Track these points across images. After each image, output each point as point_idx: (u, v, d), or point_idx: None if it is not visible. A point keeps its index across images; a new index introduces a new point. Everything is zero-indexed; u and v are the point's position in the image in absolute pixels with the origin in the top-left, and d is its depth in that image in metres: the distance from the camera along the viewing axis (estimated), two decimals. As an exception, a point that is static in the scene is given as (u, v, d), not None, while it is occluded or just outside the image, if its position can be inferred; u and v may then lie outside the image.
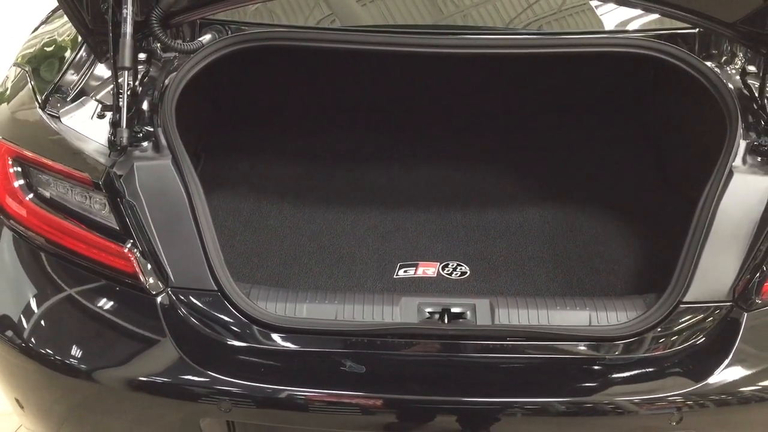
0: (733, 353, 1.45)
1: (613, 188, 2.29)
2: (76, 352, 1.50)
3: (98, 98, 1.70)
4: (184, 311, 1.48)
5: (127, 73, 1.58)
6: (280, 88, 2.64)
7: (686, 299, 1.49)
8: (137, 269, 1.48)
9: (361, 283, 1.92)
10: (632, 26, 2.09)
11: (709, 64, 1.76)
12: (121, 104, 1.57)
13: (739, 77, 1.78)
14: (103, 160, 1.56)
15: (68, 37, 1.95)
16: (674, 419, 1.44)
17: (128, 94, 1.58)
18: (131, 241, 1.49)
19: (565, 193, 2.27)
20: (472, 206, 2.23)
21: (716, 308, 1.49)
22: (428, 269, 1.96)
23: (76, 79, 1.75)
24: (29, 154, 1.58)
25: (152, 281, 1.49)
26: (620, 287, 1.89)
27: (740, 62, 1.85)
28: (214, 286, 1.50)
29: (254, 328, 1.48)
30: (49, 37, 2.03)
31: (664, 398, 1.43)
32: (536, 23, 2.22)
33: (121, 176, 1.52)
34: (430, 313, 1.52)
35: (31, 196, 1.59)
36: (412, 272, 1.95)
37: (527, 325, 1.49)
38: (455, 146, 2.53)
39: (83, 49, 1.80)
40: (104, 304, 1.53)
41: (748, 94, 1.73)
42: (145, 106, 1.67)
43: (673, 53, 1.75)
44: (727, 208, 1.53)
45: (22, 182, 1.60)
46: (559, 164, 2.42)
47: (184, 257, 1.50)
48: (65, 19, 1.83)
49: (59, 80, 1.74)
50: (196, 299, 1.49)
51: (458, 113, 2.66)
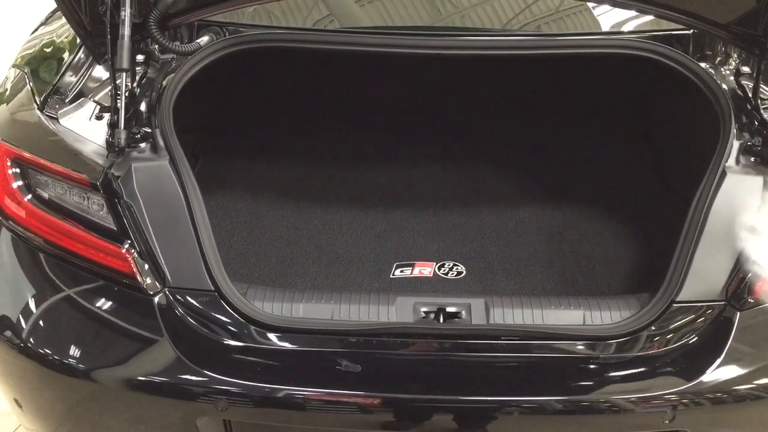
0: (725, 352, 1.46)
1: (608, 188, 2.30)
2: (74, 351, 1.51)
3: (96, 99, 1.71)
4: (181, 311, 1.49)
5: (125, 74, 1.59)
6: (278, 89, 2.65)
7: (679, 299, 1.50)
8: (134, 269, 1.49)
9: (357, 282, 1.93)
10: (628, 27, 2.09)
11: (703, 65, 1.77)
12: (119, 105, 1.58)
13: (733, 78, 1.79)
14: (101, 161, 1.57)
15: (67, 38, 1.95)
16: (667, 417, 1.45)
17: (126, 95, 1.59)
18: (129, 241, 1.50)
19: (561, 193, 2.28)
20: (469, 206, 2.24)
21: (709, 308, 1.50)
22: (425, 269, 1.97)
23: (74, 80, 1.76)
24: (28, 155, 1.59)
25: (149, 281, 1.50)
26: (615, 287, 1.90)
27: (734, 63, 1.86)
28: (211, 286, 1.51)
29: (251, 327, 1.48)
30: (48, 38, 2.04)
31: (657, 397, 1.44)
32: (534, 24, 2.22)
33: (118, 177, 1.53)
34: (425, 312, 1.53)
35: (29, 197, 1.60)
36: (408, 272, 1.96)
37: (522, 324, 1.50)
38: (452, 147, 2.54)
39: (82, 50, 1.82)
40: (102, 304, 1.54)
41: (741, 94, 1.74)
42: (143, 107, 1.68)
43: (667, 54, 1.75)
44: (720, 208, 1.54)
45: (20, 183, 1.60)
46: (555, 165, 2.43)
47: (181, 257, 1.51)
48: (64, 20, 1.84)
49: (58, 82, 1.75)
50: (193, 299, 1.50)
51: (456, 114, 2.67)
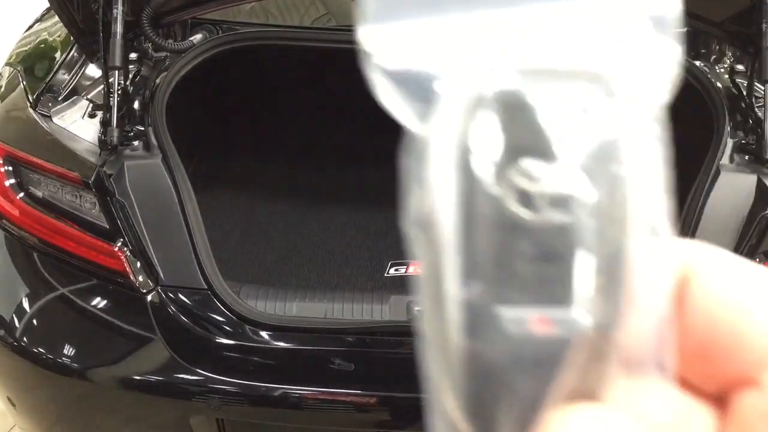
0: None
1: None
2: (67, 350, 1.50)
3: (89, 98, 1.71)
4: (173, 309, 1.49)
5: (118, 72, 1.58)
6: (273, 87, 2.64)
7: None
8: (127, 268, 1.49)
9: (351, 281, 1.93)
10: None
11: (697, 63, 1.77)
12: (111, 104, 1.56)
13: (727, 76, 1.79)
14: (93, 159, 1.56)
15: (60, 36, 1.95)
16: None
17: (119, 93, 1.58)
18: (121, 239, 1.50)
19: None
20: None
21: None
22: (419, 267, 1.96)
23: (67, 78, 1.75)
24: (20, 153, 1.59)
25: (142, 280, 1.49)
26: None
27: (728, 61, 1.86)
28: (203, 284, 1.50)
29: (244, 326, 1.48)
30: (41, 36, 2.04)
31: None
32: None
33: (111, 175, 1.53)
34: (419, 311, 1.52)
35: (22, 195, 1.59)
36: (403, 270, 1.95)
37: None
38: None
39: (74, 48, 1.81)
40: (95, 302, 1.53)
41: (736, 92, 1.73)
42: (136, 105, 1.68)
43: None
44: (713, 206, 1.54)
45: (13, 181, 1.60)
46: None
47: (173, 256, 1.51)
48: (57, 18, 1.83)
49: (51, 80, 1.74)
50: (185, 297, 1.50)
51: None
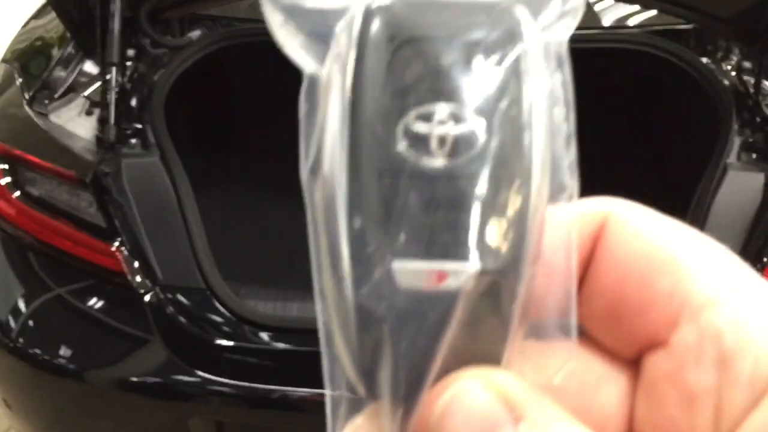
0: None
1: (607, 186, 2.26)
2: (63, 351, 1.48)
3: (86, 95, 1.68)
4: (172, 309, 1.47)
5: (115, 69, 1.56)
6: (273, 84, 2.62)
7: None
8: (124, 267, 1.46)
9: (353, 280, 1.91)
10: (629, 22, 2.07)
11: (704, 60, 1.75)
12: (109, 101, 1.55)
13: (734, 73, 1.76)
14: (90, 157, 1.53)
15: (57, 33, 1.93)
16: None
17: (116, 90, 1.56)
18: (119, 239, 1.47)
19: None
20: None
21: None
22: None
23: (64, 75, 1.73)
24: (16, 151, 1.56)
25: (140, 279, 1.47)
26: None
27: (736, 58, 1.83)
28: (202, 284, 1.47)
29: (244, 326, 1.45)
30: (38, 32, 2.01)
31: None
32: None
33: (108, 174, 1.50)
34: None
35: (18, 193, 1.57)
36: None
37: None
38: None
39: (71, 45, 1.79)
40: (92, 303, 1.51)
41: (743, 90, 1.71)
42: (133, 102, 1.65)
43: (668, 49, 1.73)
44: (721, 205, 1.52)
45: (9, 180, 1.58)
46: None
47: (172, 255, 1.48)
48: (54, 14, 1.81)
49: (47, 77, 1.72)
50: (184, 297, 1.47)
51: None
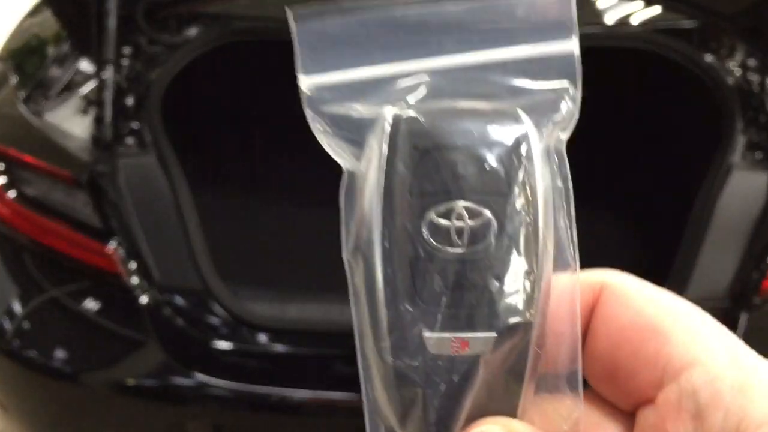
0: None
1: (609, 186, 2.26)
2: (58, 353, 1.46)
3: (82, 94, 1.67)
4: (169, 311, 1.45)
5: (111, 67, 1.54)
6: (273, 82, 2.60)
7: (684, 297, 1.45)
8: (121, 268, 1.45)
9: (352, 281, 1.89)
10: (632, 20, 2.05)
11: (708, 57, 1.73)
12: (105, 100, 1.53)
13: (738, 71, 1.75)
14: (86, 157, 1.52)
15: (52, 31, 1.91)
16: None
17: (113, 89, 1.54)
18: (115, 240, 1.46)
19: None
20: None
21: (714, 306, 1.46)
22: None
23: (59, 74, 1.71)
24: (11, 150, 1.55)
25: (136, 280, 1.45)
26: None
27: (740, 56, 1.81)
28: (200, 285, 1.46)
29: (242, 328, 1.44)
30: (32, 30, 1.99)
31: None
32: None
33: (104, 174, 1.48)
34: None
35: (13, 194, 1.55)
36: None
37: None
38: None
39: (67, 43, 1.77)
40: (88, 304, 1.49)
41: (747, 88, 1.69)
42: (130, 101, 1.63)
43: (672, 47, 1.71)
44: (725, 204, 1.50)
45: (3, 180, 1.56)
46: None
47: (169, 256, 1.47)
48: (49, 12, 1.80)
49: (42, 75, 1.70)
50: (181, 298, 1.46)
51: None
